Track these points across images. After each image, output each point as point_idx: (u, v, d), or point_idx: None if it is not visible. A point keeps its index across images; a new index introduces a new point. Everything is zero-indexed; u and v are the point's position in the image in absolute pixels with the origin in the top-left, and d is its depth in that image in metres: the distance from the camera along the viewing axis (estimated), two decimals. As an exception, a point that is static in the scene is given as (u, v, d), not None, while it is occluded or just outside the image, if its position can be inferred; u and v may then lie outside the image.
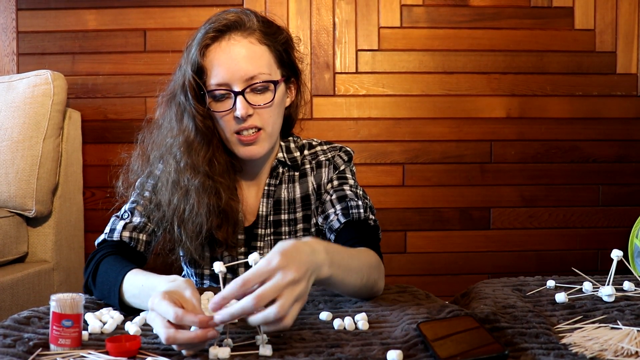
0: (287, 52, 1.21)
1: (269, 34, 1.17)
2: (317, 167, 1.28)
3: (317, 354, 0.78)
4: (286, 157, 1.27)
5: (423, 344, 0.80)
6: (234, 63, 1.13)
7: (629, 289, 1.07)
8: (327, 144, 1.32)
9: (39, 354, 0.79)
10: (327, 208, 1.23)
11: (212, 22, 1.16)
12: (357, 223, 1.19)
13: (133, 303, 1.00)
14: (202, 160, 1.16)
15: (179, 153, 1.16)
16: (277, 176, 1.26)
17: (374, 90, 2.25)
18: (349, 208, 1.20)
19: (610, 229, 2.31)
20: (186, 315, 0.77)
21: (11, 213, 1.85)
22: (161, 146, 1.20)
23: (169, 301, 0.80)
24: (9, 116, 1.88)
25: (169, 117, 1.19)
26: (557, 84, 2.28)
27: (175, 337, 0.77)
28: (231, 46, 1.14)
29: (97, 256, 1.12)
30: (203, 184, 1.15)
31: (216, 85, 1.14)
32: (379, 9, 2.24)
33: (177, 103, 1.17)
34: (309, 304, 1.04)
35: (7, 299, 1.64)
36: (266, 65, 1.15)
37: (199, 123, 1.15)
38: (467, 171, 2.28)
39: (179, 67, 1.19)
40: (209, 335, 0.77)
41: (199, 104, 1.15)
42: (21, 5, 2.21)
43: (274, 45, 1.18)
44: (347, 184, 1.26)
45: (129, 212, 1.20)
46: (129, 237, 1.17)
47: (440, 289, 2.24)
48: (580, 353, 0.75)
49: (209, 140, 1.17)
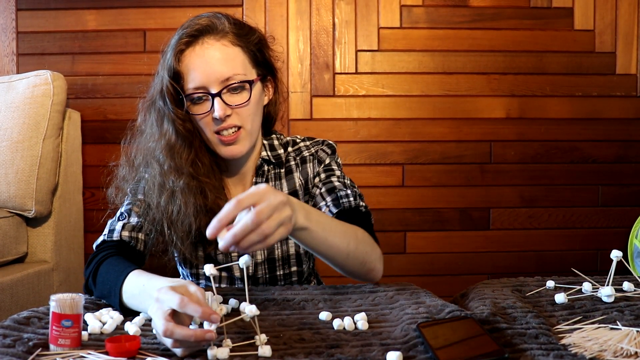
0: (261, 51, 1.23)
1: (241, 35, 1.20)
2: (302, 162, 1.31)
3: (316, 354, 0.78)
4: (270, 155, 1.29)
5: (423, 345, 0.80)
6: (209, 66, 1.15)
7: (628, 290, 1.07)
8: (309, 140, 1.34)
9: (38, 354, 0.79)
10: (318, 201, 1.26)
11: (185, 28, 1.18)
12: (348, 211, 1.22)
13: (131, 304, 1.00)
14: (184, 162, 1.18)
15: (162, 156, 1.19)
16: (263, 174, 1.28)
17: (374, 90, 2.26)
18: (339, 198, 1.23)
19: (610, 229, 2.31)
20: (190, 303, 0.79)
21: (11, 213, 1.85)
22: (145, 151, 1.22)
23: (174, 291, 0.82)
24: (9, 116, 1.88)
25: (150, 122, 1.22)
26: (556, 85, 2.28)
27: (172, 331, 0.77)
28: (205, 50, 1.16)
29: (99, 256, 1.13)
30: (188, 185, 1.17)
31: (193, 89, 1.16)
32: (378, 9, 2.24)
33: (156, 108, 1.20)
34: (308, 303, 1.04)
35: (7, 299, 1.64)
36: (241, 65, 1.18)
37: (179, 127, 1.18)
38: (467, 171, 2.28)
39: (156, 73, 1.22)
40: (206, 337, 0.77)
41: (177, 108, 1.18)
42: (21, 5, 2.21)
43: (247, 46, 1.20)
44: (334, 176, 1.29)
45: (126, 214, 1.22)
46: (128, 237, 1.19)
47: (440, 290, 2.24)
48: (580, 354, 0.75)
49: (191, 142, 1.19)
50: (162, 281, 0.94)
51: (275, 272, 1.28)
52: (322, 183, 1.27)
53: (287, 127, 2.24)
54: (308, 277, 1.36)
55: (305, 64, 2.24)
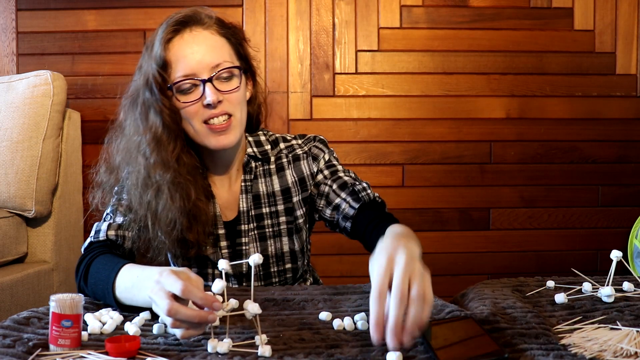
0: (242, 46, 1.24)
1: (225, 27, 1.21)
2: (295, 160, 1.30)
3: (316, 354, 0.78)
4: (256, 151, 1.29)
5: (423, 345, 0.80)
6: (199, 53, 1.15)
7: (628, 290, 1.07)
8: (301, 137, 1.34)
9: (38, 355, 0.79)
10: (333, 198, 1.25)
11: (171, 18, 1.19)
12: (369, 204, 1.22)
13: (125, 298, 0.99)
14: (170, 155, 1.17)
15: (148, 150, 1.17)
16: (251, 171, 1.28)
17: (374, 90, 2.26)
18: (357, 192, 1.23)
19: (609, 229, 2.31)
20: (194, 289, 0.80)
21: (11, 213, 1.85)
22: (127, 150, 1.20)
23: (176, 276, 0.82)
24: (9, 116, 1.88)
25: (133, 118, 1.20)
26: (556, 85, 2.28)
27: (177, 310, 0.79)
28: (194, 37, 1.16)
29: (87, 258, 1.12)
30: (174, 180, 1.16)
31: (183, 76, 1.15)
32: (378, 9, 2.24)
33: (141, 102, 1.18)
34: (308, 303, 1.04)
35: (7, 300, 1.64)
36: (228, 54, 1.19)
37: (167, 117, 1.16)
38: (467, 172, 2.28)
39: (138, 69, 1.21)
40: (209, 318, 0.79)
41: (165, 98, 1.16)
42: (21, 5, 2.21)
43: (231, 38, 1.21)
44: (339, 171, 1.29)
45: (111, 214, 1.22)
46: (115, 235, 1.19)
47: (440, 290, 2.22)
48: (580, 354, 0.75)
49: (176, 136, 1.18)
50: (156, 270, 0.94)
51: (269, 269, 1.28)
52: (330, 180, 1.27)
53: (287, 127, 2.24)
54: (303, 274, 1.36)
55: (305, 64, 2.24)
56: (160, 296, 0.81)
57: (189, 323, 0.80)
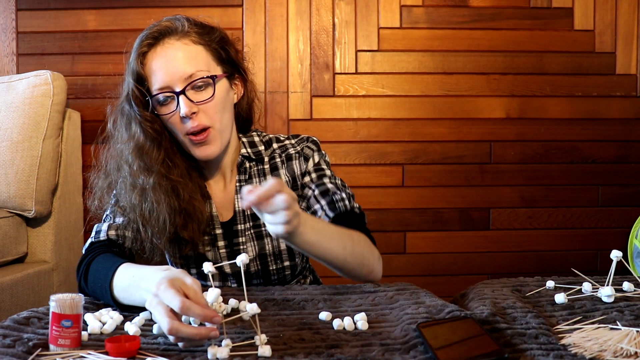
0: (225, 49, 1.24)
1: (202, 34, 1.21)
2: (288, 159, 1.30)
3: (316, 354, 0.78)
4: (250, 151, 1.29)
5: (423, 345, 0.80)
6: (171, 65, 1.16)
7: (628, 290, 1.07)
8: (294, 138, 1.35)
9: (38, 354, 0.79)
10: (312, 204, 1.26)
11: (145, 32, 1.20)
12: (344, 215, 1.23)
13: (122, 297, 1.00)
14: (154, 161, 1.18)
15: (131, 157, 1.19)
16: (246, 171, 1.28)
17: (374, 90, 2.25)
18: (335, 202, 1.23)
19: (609, 229, 2.31)
20: (192, 306, 0.79)
21: (11, 213, 1.85)
22: (116, 156, 1.23)
23: (174, 290, 0.81)
24: (9, 116, 1.88)
25: (119, 126, 1.23)
26: (556, 85, 2.28)
27: (178, 330, 0.79)
28: (166, 50, 1.17)
29: (87, 258, 1.14)
30: (159, 183, 1.18)
31: (158, 89, 1.17)
32: (378, 9, 2.24)
33: (124, 113, 1.21)
34: (308, 303, 1.04)
35: (7, 300, 1.64)
36: (203, 63, 1.18)
37: (147, 128, 1.18)
38: (467, 172, 2.28)
39: (124, 79, 1.23)
40: (210, 335, 0.79)
41: (144, 110, 1.19)
42: (21, 5, 2.21)
43: (209, 44, 1.21)
44: (325, 177, 1.29)
45: (111, 215, 1.24)
46: (115, 235, 1.20)
47: (440, 290, 2.24)
48: (580, 354, 0.75)
49: (160, 143, 1.20)
50: (152, 270, 0.94)
51: (268, 267, 1.28)
52: (315, 185, 1.27)
53: (287, 127, 2.24)
54: (302, 271, 1.36)
55: (305, 64, 2.24)
56: (159, 312, 0.81)
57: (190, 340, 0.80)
